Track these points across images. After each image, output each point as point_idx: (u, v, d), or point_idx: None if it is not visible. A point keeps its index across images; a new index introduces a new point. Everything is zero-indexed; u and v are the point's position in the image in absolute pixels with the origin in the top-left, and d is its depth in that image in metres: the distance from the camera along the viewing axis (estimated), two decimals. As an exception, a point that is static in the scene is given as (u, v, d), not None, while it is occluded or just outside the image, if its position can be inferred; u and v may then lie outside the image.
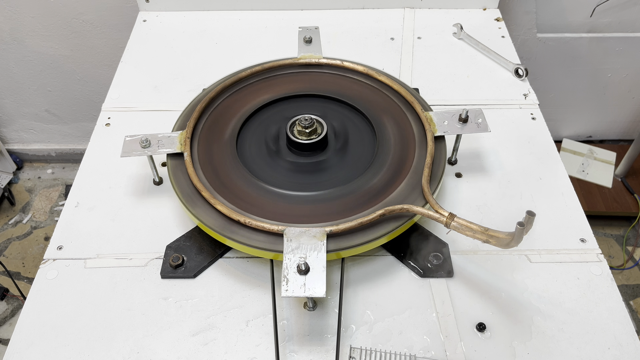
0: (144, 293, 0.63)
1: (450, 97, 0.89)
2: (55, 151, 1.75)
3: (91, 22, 1.35)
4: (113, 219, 0.71)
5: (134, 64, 0.97)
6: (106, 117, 0.86)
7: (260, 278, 0.65)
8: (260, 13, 1.09)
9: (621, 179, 1.59)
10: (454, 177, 0.76)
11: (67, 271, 0.66)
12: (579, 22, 1.35)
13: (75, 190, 0.75)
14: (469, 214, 0.71)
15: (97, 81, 1.50)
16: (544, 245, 0.68)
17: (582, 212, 0.71)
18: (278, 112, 0.78)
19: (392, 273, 0.65)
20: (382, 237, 0.62)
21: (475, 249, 0.67)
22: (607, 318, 0.60)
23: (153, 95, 0.90)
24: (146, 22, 1.07)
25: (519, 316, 0.61)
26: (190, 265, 0.66)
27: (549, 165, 0.78)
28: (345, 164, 0.72)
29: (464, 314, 0.61)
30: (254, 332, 0.60)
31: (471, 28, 1.03)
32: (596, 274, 0.64)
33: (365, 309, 0.62)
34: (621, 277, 1.40)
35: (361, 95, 0.80)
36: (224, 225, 0.63)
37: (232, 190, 0.67)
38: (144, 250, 0.68)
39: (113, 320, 0.61)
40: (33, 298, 0.63)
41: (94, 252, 0.68)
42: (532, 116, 0.85)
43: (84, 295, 0.63)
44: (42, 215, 1.65)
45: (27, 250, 1.57)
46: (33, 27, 1.37)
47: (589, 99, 1.55)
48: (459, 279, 0.64)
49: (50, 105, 1.59)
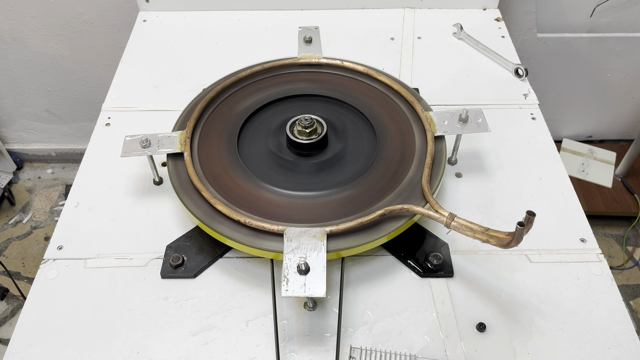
0: (144, 293, 0.63)
1: (450, 97, 0.89)
2: (55, 151, 1.75)
3: (91, 22, 1.35)
4: (113, 219, 0.71)
5: (134, 64, 0.97)
6: (106, 117, 0.86)
7: (261, 278, 0.65)
8: (260, 13, 1.08)
9: (621, 179, 1.59)
10: (454, 177, 0.76)
11: (67, 271, 0.65)
12: (579, 22, 1.35)
13: (76, 190, 0.75)
14: (469, 214, 0.71)
15: (97, 81, 1.50)
16: (544, 245, 0.67)
17: (582, 212, 0.71)
18: (278, 112, 0.78)
19: (392, 273, 0.65)
20: (382, 237, 0.62)
21: (475, 249, 0.67)
22: (607, 318, 0.60)
23: (153, 95, 0.90)
24: (146, 22, 1.07)
25: (519, 316, 0.61)
26: (190, 265, 0.66)
27: (549, 165, 0.78)
28: (345, 164, 0.72)
29: (464, 314, 0.61)
30: (254, 332, 0.60)
31: (471, 28, 1.03)
32: (596, 274, 0.64)
33: (365, 308, 0.62)
34: (621, 277, 1.40)
35: (361, 96, 0.80)
36: (224, 225, 0.63)
37: (233, 190, 0.67)
38: (144, 250, 0.68)
39: (113, 320, 0.61)
40: (33, 298, 0.63)
41: (94, 252, 0.68)
42: (532, 116, 0.85)
43: (84, 295, 0.63)
44: (42, 215, 1.65)
45: (27, 250, 1.57)
46: (33, 27, 1.37)
47: (589, 99, 1.55)
48: (459, 278, 0.64)
49: (50, 105, 1.59)
